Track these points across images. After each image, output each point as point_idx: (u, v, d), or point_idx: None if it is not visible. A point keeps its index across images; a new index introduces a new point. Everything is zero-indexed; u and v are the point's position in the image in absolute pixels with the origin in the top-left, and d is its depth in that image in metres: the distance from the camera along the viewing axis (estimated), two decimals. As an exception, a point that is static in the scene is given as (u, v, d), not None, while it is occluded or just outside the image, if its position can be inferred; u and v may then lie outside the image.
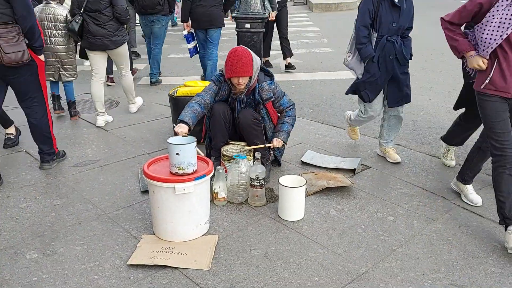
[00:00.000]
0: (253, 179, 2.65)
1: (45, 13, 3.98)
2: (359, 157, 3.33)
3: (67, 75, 4.17)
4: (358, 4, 3.26)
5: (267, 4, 5.80)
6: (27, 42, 2.85)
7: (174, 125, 2.87)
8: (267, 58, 6.76)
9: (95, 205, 2.69)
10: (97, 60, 4.09)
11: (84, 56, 4.21)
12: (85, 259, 2.16)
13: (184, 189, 2.24)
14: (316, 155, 3.39)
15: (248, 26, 3.82)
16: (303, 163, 3.29)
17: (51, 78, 4.13)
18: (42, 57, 3.07)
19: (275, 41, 6.79)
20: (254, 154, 2.81)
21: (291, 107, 3.11)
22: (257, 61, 2.90)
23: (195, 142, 2.38)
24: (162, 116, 4.41)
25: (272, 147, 2.99)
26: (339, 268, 2.10)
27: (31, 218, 2.54)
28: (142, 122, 4.26)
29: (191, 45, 5.42)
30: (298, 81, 6.01)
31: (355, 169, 3.12)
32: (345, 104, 4.94)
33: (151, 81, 5.85)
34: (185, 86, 3.82)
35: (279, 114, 3.12)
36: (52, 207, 2.66)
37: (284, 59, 6.62)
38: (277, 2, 6.13)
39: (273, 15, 6.07)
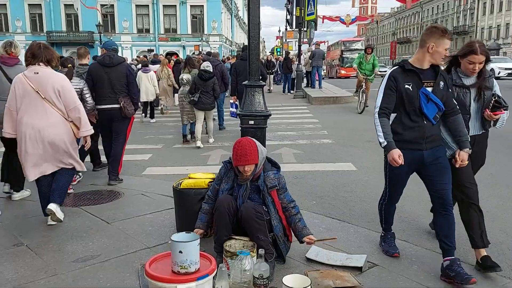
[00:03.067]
0: (256, 278, 2.57)
1: (184, 92, 8.21)
2: (365, 253, 3.26)
3: (190, 120, 8.31)
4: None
5: (447, 139, 3.12)
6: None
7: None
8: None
9: (93, 305, 2.58)
10: (201, 114, 8.00)
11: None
12: None
13: (186, 291, 2.18)
14: (321, 251, 3.33)
15: (251, 122, 3.99)
16: (308, 259, 3.22)
17: (186, 122, 8.35)
18: (134, 115, 5.45)
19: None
20: (257, 251, 2.77)
21: (295, 203, 3.17)
22: (262, 150, 3.09)
23: (199, 239, 2.36)
24: (164, 208, 4.40)
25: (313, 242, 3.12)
26: None
27: (25, 320, 2.42)
28: (144, 214, 4.24)
29: (234, 110, 8.44)
30: (300, 172, 6.08)
31: (361, 267, 3.04)
32: (348, 196, 4.95)
33: (220, 128, 9.73)
34: (189, 178, 3.87)
35: (283, 209, 3.13)
36: (47, 308, 2.55)
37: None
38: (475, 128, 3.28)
39: (464, 157, 3.00)
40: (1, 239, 3.62)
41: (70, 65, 5.48)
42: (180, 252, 2.32)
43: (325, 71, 39.28)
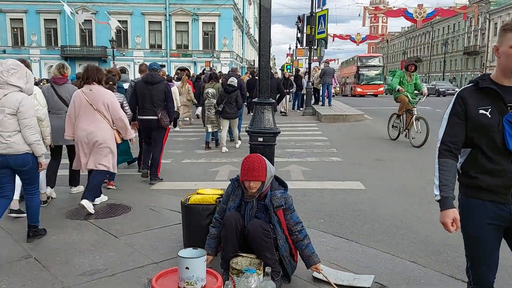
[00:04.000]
0: (263, 296, 2.56)
1: (210, 103, 9.17)
2: (373, 274, 3.23)
3: (215, 128, 9.29)
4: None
5: None
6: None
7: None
8: None
9: (98, 320, 2.58)
10: (226, 123, 9.09)
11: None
12: None
13: (192, 308, 2.18)
14: (328, 270, 3.29)
15: (260, 139, 4.01)
16: (315, 279, 3.18)
17: (210, 130, 9.32)
18: (170, 125, 6.52)
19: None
20: (264, 269, 2.76)
21: (301, 225, 3.10)
22: (271, 169, 3.06)
23: (206, 256, 2.37)
24: (172, 223, 4.40)
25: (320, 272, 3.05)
26: None
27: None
28: (152, 228, 4.25)
29: None
30: (308, 190, 6.06)
31: (369, 287, 3.00)
32: (356, 215, 4.92)
33: (231, 139, 9.92)
34: (197, 193, 3.88)
35: (289, 231, 3.07)
36: (53, 321, 2.55)
37: None
38: None
39: None
40: (10, 251, 3.65)
41: (111, 82, 6.05)
42: (187, 268, 2.32)
43: (337, 88, 38.93)
